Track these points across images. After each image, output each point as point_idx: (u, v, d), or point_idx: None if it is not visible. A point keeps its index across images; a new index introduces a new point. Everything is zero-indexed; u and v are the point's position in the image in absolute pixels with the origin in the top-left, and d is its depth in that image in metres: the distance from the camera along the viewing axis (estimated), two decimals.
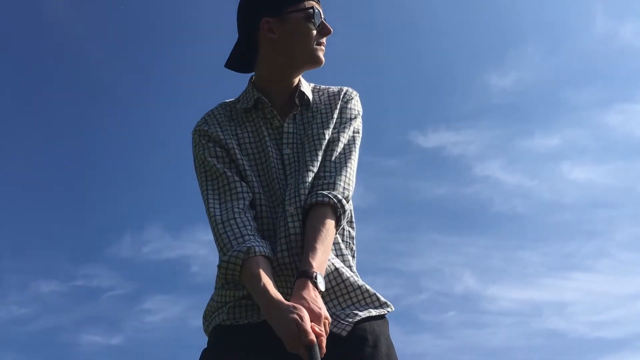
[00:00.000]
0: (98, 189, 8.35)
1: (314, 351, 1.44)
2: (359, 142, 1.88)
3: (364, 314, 1.68)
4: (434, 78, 8.75)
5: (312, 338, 1.45)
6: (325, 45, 1.88)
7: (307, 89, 1.92)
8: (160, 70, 8.41)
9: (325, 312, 1.54)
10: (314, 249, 1.62)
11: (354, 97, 1.95)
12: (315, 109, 1.89)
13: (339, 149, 1.82)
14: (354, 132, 1.88)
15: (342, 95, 1.93)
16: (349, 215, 1.83)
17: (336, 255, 1.75)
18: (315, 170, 1.77)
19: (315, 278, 1.57)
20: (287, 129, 1.85)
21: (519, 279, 8.37)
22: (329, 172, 1.76)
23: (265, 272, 1.58)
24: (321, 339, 1.48)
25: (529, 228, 8.63)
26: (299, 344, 1.45)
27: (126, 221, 8.30)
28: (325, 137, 1.82)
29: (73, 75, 8.25)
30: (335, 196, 1.71)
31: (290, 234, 1.68)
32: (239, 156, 1.81)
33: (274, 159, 1.81)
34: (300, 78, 1.92)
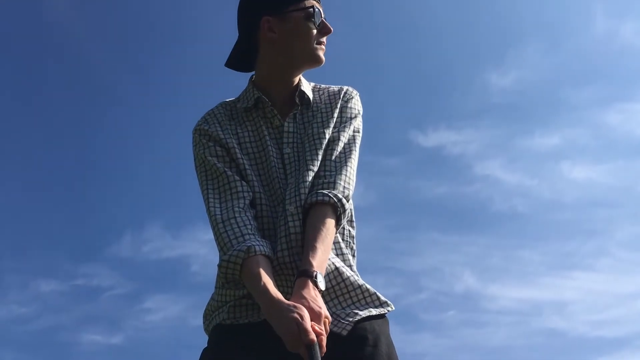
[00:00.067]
0: (98, 189, 8.36)
1: (314, 350, 1.44)
2: (359, 142, 1.88)
3: (364, 313, 1.68)
4: (434, 78, 8.76)
5: (313, 337, 1.45)
6: (326, 45, 1.88)
7: (308, 88, 1.92)
8: (160, 70, 8.42)
9: (325, 312, 1.54)
10: (314, 248, 1.61)
11: (354, 97, 1.95)
12: (315, 108, 1.89)
13: (339, 148, 1.82)
14: (354, 132, 1.88)
15: (343, 95, 1.93)
16: (349, 214, 1.83)
17: (336, 254, 1.75)
18: (316, 169, 1.77)
19: (315, 277, 1.57)
20: (288, 128, 1.85)
21: (519, 278, 8.39)
22: (329, 172, 1.76)
23: (266, 272, 1.58)
24: (321, 338, 1.48)
25: (529, 227, 8.63)
26: (299, 343, 1.45)
27: (126, 220, 8.32)
28: (326, 137, 1.82)
29: (73, 75, 8.27)
30: (335, 195, 1.71)
31: (291, 233, 1.68)
32: (239, 155, 1.81)
33: (274, 158, 1.80)
34: (301, 77, 1.92)
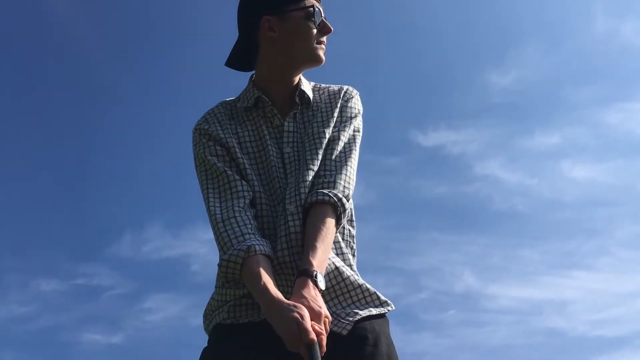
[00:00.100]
0: (98, 189, 8.36)
1: (314, 350, 1.44)
2: (359, 141, 1.88)
3: (364, 312, 1.68)
4: (434, 77, 8.76)
5: (313, 337, 1.44)
6: (326, 44, 1.88)
7: (308, 87, 1.92)
8: (160, 70, 8.42)
9: (325, 311, 1.53)
10: (314, 248, 1.61)
11: (354, 96, 1.95)
12: (315, 107, 1.89)
13: (340, 147, 1.82)
14: (355, 131, 1.88)
15: (343, 94, 1.93)
16: (349, 213, 1.83)
17: (336, 254, 1.75)
18: (316, 169, 1.77)
19: (315, 277, 1.57)
20: (288, 128, 1.85)
21: (519, 277, 8.39)
22: (329, 171, 1.76)
23: (266, 271, 1.58)
24: (321, 337, 1.48)
25: (529, 226, 8.63)
26: (299, 343, 1.45)
27: (126, 220, 8.32)
28: (326, 136, 1.82)
29: (73, 75, 8.26)
30: (335, 195, 1.71)
31: (291, 232, 1.68)
32: (239, 155, 1.81)
33: (274, 157, 1.80)
34: (301, 77, 1.92)
